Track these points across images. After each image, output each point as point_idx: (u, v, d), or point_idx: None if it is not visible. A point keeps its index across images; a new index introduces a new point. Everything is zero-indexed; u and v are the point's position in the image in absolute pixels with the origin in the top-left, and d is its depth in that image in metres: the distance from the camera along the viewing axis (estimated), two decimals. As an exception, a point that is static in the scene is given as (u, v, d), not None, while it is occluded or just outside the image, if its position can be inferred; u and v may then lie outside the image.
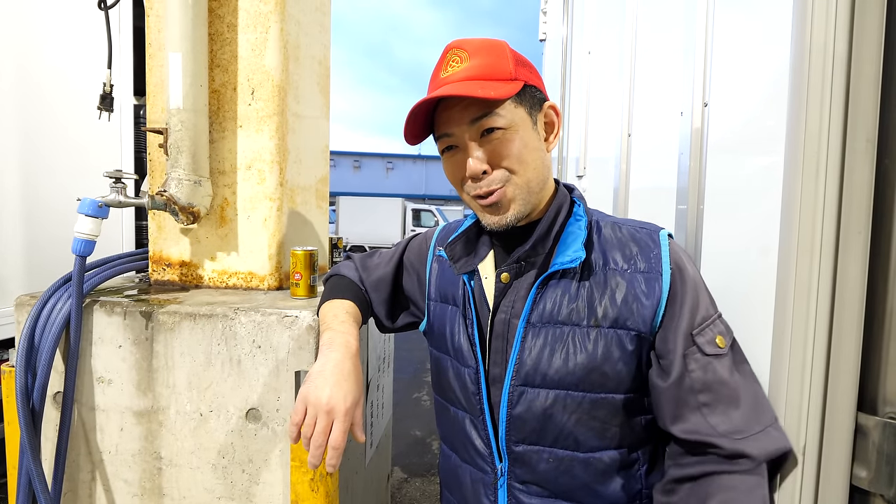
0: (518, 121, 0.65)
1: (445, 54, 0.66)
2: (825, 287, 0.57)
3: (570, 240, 0.67)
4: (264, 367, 0.97)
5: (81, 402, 1.02)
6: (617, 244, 0.67)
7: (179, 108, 1.07)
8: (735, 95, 0.74)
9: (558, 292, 0.66)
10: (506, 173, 0.65)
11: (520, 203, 0.66)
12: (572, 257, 0.64)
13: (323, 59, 1.40)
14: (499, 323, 0.69)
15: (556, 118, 0.71)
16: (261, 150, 1.18)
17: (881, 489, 0.55)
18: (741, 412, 0.59)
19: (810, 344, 0.58)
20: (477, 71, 0.63)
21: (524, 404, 0.66)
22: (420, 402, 3.52)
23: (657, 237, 0.67)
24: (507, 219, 0.66)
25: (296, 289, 1.10)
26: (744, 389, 0.61)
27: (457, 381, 0.73)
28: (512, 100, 0.64)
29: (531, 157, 0.66)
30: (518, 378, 0.66)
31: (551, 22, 2.52)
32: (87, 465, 1.03)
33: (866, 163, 0.56)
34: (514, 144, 0.64)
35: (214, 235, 1.21)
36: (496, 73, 0.63)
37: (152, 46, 1.20)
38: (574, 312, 0.65)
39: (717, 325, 0.63)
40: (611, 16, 1.39)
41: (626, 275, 0.65)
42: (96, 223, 0.99)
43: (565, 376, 0.64)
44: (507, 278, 0.69)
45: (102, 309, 1.01)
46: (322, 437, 0.61)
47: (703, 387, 0.61)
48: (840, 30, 0.55)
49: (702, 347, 0.61)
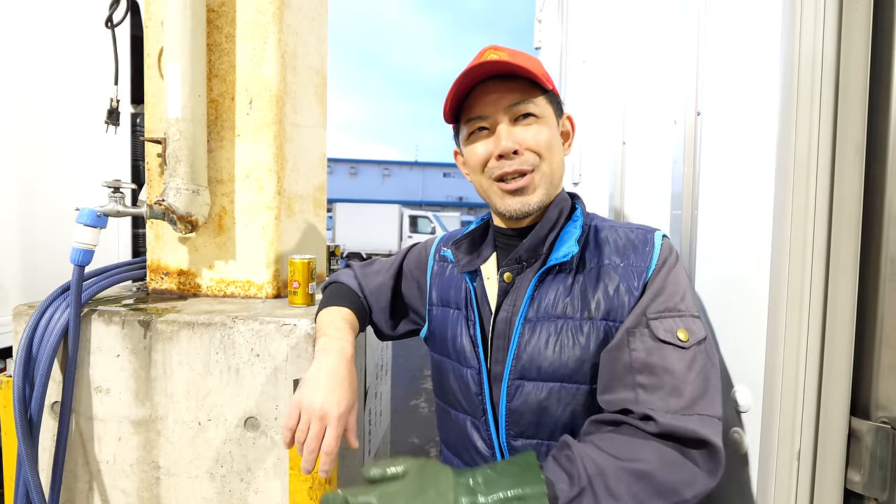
0: (549, 115, 0.69)
1: (483, 52, 0.69)
2: (817, 293, 0.58)
3: (566, 237, 0.69)
4: (262, 376, 0.97)
5: (79, 412, 1.02)
6: (613, 243, 0.69)
7: (178, 117, 1.08)
8: (727, 104, 0.75)
9: (554, 288, 0.67)
10: (535, 158, 0.68)
11: (543, 191, 0.69)
12: (566, 252, 0.67)
13: (320, 69, 1.41)
14: (501, 322, 0.70)
15: (572, 129, 0.75)
16: (259, 160, 1.18)
17: (875, 493, 0.56)
18: (680, 401, 0.56)
19: (803, 350, 0.58)
20: (521, 62, 0.65)
21: (521, 398, 0.67)
22: (418, 410, 3.51)
23: (652, 236, 0.69)
24: (530, 203, 0.68)
25: (294, 297, 1.10)
26: (693, 385, 0.57)
27: (458, 384, 0.74)
28: (546, 96, 0.69)
29: (556, 150, 0.70)
30: (515, 372, 0.67)
31: (546, 30, 2.54)
32: (84, 476, 1.02)
33: (855, 169, 0.57)
34: (545, 132, 0.68)
35: (212, 244, 1.21)
36: (537, 70, 0.66)
37: (150, 57, 1.21)
38: (569, 306, 0.66)
39: (688, 321, 0.61)
40: (604, 25, 1.41)
41: (619, 269, 0.67)
42: (95, 233, 0.99)
43: (559, 368, 0.65)
44: (510, 277, 0.71)
45: (101, 318, 1.01)
46: (315, 442, 0.61)
47: (643, 367, 0.59)
48: (828, 40, 0.57)
49: (654, 331, 0.60)
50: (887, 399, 0.56)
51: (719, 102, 0.77)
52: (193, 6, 1.08)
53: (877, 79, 0.56)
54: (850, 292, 0.57)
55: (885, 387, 0.57)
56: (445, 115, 0.73)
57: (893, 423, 0.55)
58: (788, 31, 0.58)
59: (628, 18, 1.23)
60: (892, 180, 0.56)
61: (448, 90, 0.69)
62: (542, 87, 0.68)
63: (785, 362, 0.59)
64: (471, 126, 0.70)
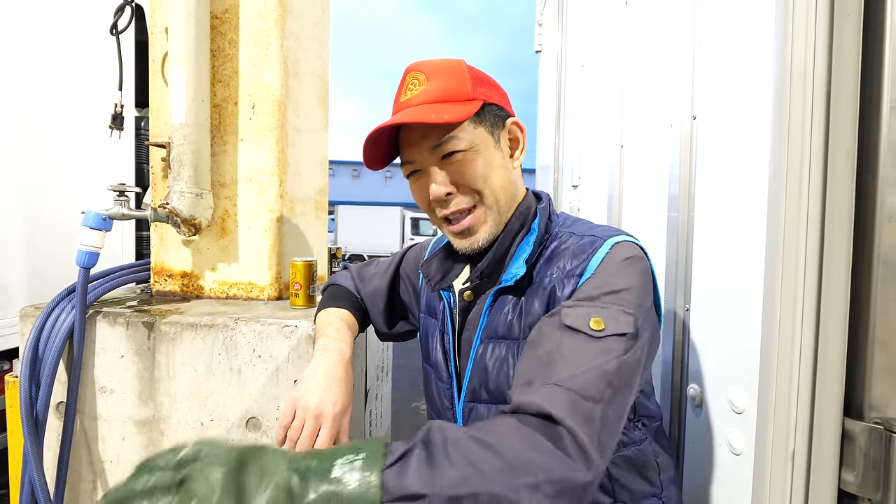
0: (479, 141, 0.64)
1: (405, 77, 0.67)
2: (810, 295, 0.59)
3: (518, 255, 0.67)
4: (264, 377, 0.98)
5: (84, 412, 1.03)
6: (560, 254, 0.65)
7: (182, 122, 1.09)
8: (722, 108, 0.76)
9: (503, 309, 0.66)
10: (473, 195, 0.65)
11: (491, 224, 0.67)
12: (514, 273, 0.65)
13: (321, 74, 1.42)
14: (465, 340, 0.70)
15: (521, 133, 0.70)
16: (261, 163, 1.20)
17: (868, 493, 0.56)
18: (546, 376, 0.51)
19: (797, 351, 0.59)
20: (434, 94, 0.63)
21: (473, 420, 0.66)
22: (419, 412, 3.51)
23: (600, 244, 0.63)
24: (478, 242, 0.67)
25: (295, 299, 1.12)
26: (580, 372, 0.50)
27: (437, 394, 0.75)
28: (470, 121, 0.64)
29: (496, 175, 0.65)
30: (469, 394, 0.67)
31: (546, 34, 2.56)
32: (88, 475, 1.04)
33: (847, 173, 0.58)
34: (476, 165, 0.64)
35: (215, 247, 1.22)
36: (453, 95, 0.63)
37: (155, 62, 1.23)
38: (514, 326, 0.65)
39: (613, 312, 0.55)
40: (603, 31, 1.43)
41: (555, 281, 0.63)
42: (100, 235, 1.00)
43: (505, 390, 0.64)
44: (471, 296, 0.70)
45: (105, 320, 1.02)
46: (308, 440, 0.61)
47: (530, 348, 0.56)
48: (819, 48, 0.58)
49: (563, 317, 0.55)
50: (880, 400, 0.57)
51: (715, 107, 0.78)
52: (198, 13, 1.10)
53: (867, 85, 0.57)
54: (843, 294, 0.58)
55: (878, 388, 0.57)
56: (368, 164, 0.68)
57: (886, 423, 0.56)
58: (781, 39, 0.59)
59: (626, 24, 1.24)
60: (884, 185, 0.56)
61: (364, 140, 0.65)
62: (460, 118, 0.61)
63: (779, 364, 0.60)
64: (405, 169, 0.69)
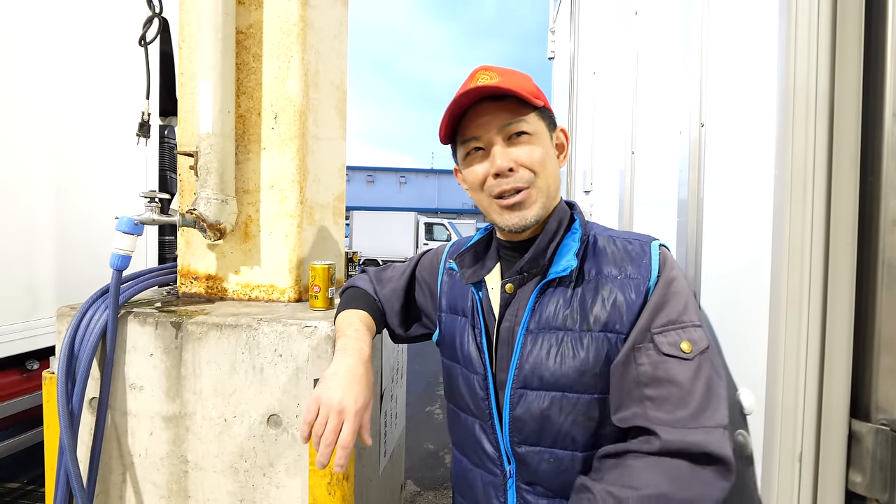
0: (541, 132, 0.71)
1: (474, 74, 0.71)
2: (816, 298, 0.59)
3: (564, 251, 0.71)
4: (285, 375, 1.02)
5: (115, 408, 1.08)
6: (610, 255, 0.71)
7: (209, 132, 1.15)
8: (730, 115, 0.78)
9: (555, 300, 0.70)
10: (530, 174, 0.70)
11: (540, 205, 0.71)
12: (564, 266, 0.69)
13: (340, 84, 1.48)
14: (504, 331, 0.73)
15: (566, 141, 0.77)
16: (283, 171, 1.25)
17: (876, 493, 0.57)
18: (685, 412, 0.59)
19: (804, 354, 0.60)
20: (510, 84, 0.68)
21: (523, 406, 0.69)
22: (433, 416, 3.53)
23: (648, 247, 0.70)
24: (527, 218, 0.70)
25: (314, 301, 1.16)
26: (699, 395, 0.60)
27: (466, 388, 0.77)
28: (537, 113, 0.71)
29: (550, 165, 0.72)
30: (518, 381, 0.70)
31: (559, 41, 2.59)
32: (118, 468, 1.09)
33: (851, 178, 0.59)
34: (538, 149, 0.70)
35: (239, 250, 1.28)
36: (526, 89, 0.69)
37: (184, 76, 1.29)
38: (568, 318, 0.68)
39: (690, 332, 0.63)
40: (613, 39, 1.45)
41: (616, 282, 0.68)
42: (132, 240, 1.06)
43: (560, 378, 0.67)
44: (512, 288, 0.73)
45: (136, 319, 1.08)
46: (332, 435, 0.64)
47: (650, 381, 0.62)
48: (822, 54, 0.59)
49: (659, 345, 0.62)
50: (886, 401, 0.58)
51: (722, 114, 0.80)
52: (224, 29, 1.16)
53: (870, 91, 0.59)
54: (849, 297, 0.59)
55: (884, 389, 0.58)
56: (441, 138, 0.75)
57: (893, 425, 0.56)
58: (784, 46, 0.61)
59: (636, 34, 1.26)
60: (887, 188, 0.57)
61: (443, 113, 0.72)
62: (532, 104, 0.70)
63: (786, 366, 0.60)
64: (467, 147, 0.73)
